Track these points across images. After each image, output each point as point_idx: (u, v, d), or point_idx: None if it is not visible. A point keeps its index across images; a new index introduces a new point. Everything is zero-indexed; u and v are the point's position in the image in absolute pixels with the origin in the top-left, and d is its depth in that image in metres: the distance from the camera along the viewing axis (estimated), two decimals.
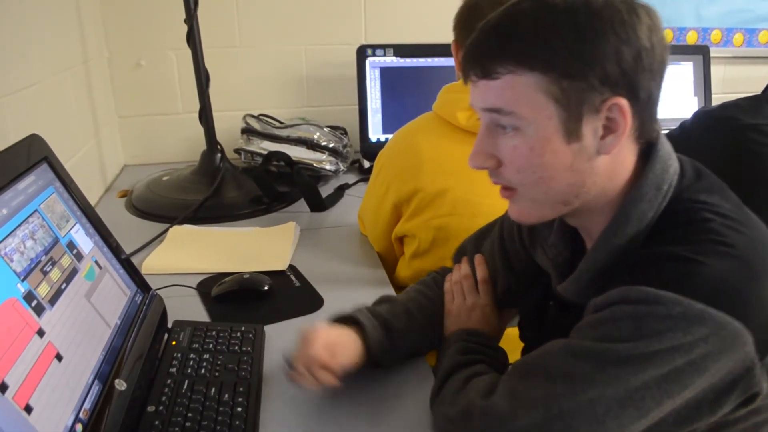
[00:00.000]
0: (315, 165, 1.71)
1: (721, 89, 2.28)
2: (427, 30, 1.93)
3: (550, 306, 0.80)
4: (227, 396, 0.80)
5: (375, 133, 1.85)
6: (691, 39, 2.31)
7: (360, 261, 1.28)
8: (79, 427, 0.65)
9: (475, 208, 1.13)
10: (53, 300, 0.70)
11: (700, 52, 2.07)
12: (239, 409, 0.78)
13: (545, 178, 0.67)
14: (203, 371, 0.86)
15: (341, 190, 1.66)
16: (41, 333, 0.65)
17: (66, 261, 0.77)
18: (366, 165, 1.83)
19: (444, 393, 0.77)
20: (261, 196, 1.54)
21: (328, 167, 1.72)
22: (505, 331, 1.21)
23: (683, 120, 1.41)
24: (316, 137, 1.74)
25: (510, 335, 1.20)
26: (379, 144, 1.79)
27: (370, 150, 1.81)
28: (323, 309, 1.07)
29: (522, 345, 0.99)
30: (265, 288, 1.10)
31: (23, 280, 0.66)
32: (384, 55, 1.83)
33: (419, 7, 1.98)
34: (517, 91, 0.65)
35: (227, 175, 1.59)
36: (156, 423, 0.75)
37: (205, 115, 1.56)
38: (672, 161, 0.70)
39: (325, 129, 1.80)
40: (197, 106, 1.55)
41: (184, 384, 0.82)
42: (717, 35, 2.33)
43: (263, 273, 1.14)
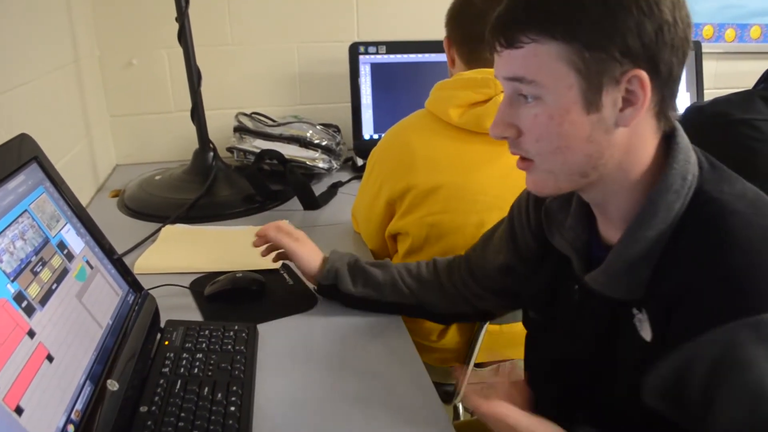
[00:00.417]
0: (308, 163, 1.71)
1: (713, 84, 2.29)
2: (420, 26, 1.94)
3: (574, 290, 0.80)
4: (220, 395, 0.80)
5: (368, 131, 1.85)
6: None
7: None
8: (71, 428, 0.65)
9: (468, 205, 1.13)
10: (44, 300, 0.70)
11: (692, 47, 2.07)
12: (232, 409, 0.78)
13: (562, 147, 0.68)
14: (196, 371, 0.85)
15: (334, 188, 1.66)
16: (32, 334, 0.65)
17: (57, 261, 0.76)
18: (359, 163, 1.82)
19: None
20: (254, 194, 1.54)
21: (321, 165, 1.72)
22: (508, 328, 1.22)
23: None
24: (308, 135, 1.74)
25: (513, 332, 1.20)
26: (372, 141, 1.78)
27: (363, 147, 1.81)
28: (316, 307, 1.07)
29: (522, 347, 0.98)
30: (259, 287, 1.10)
31: (13, 280, 0.66)
32: (376, 52, 1.82)
33: (411, 4, 1.98)
34: (540, 60, 0.66)
35: (220, 174, 1.58)
36: (149, 423, 0.74)
37: (198, 114, 1.55)
38: (691, 153, 0.71)
39: (318, 127, 1.79)
40: (189, 104, 1.54)
41: (177, 384, 0.82)
42: (709, 31, 2.33)
43: (256, 272, 1.14)
